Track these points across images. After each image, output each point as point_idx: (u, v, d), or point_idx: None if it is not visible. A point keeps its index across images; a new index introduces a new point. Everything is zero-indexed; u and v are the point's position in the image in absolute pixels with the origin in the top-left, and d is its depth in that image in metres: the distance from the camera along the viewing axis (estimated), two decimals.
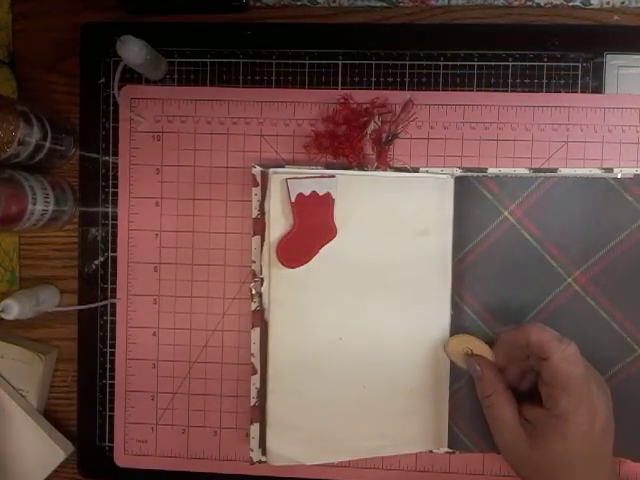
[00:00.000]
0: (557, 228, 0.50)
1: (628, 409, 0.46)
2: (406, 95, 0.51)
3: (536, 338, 0.44)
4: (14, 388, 0.54)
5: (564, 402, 0.43)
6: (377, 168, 0.51)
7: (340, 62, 0.52)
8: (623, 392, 0.46)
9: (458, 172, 0.51)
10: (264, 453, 0.51)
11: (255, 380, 0.52)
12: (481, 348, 0.49)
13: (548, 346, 0.43)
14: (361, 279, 0.51)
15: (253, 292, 0.52)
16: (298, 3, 0.54)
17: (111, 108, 0.54)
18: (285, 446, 0.51)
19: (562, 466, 0.43)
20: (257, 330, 0.52)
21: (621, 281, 0.50)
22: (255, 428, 0.52)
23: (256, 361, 0.52)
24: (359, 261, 0.51)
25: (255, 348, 0.52)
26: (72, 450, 0.54)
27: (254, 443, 0.52)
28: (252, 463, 0.52)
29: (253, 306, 0.52)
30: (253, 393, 0.52)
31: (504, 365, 0.48)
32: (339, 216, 0.50)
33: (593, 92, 0.51)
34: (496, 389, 0.46)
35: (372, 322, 0.51)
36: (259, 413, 0.52)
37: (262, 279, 0.51)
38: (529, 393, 0.47)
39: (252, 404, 0.52)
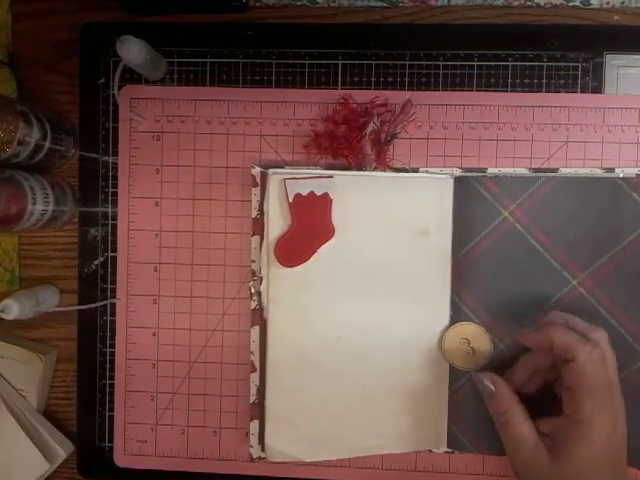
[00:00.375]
0: (560, 229, 0.50)
1: (635, 417, 0.45)
2: (405, 95, 0.51)
3: (560, 340, 0.43)
4: (14, 388, 0.54)
5: (587, 405, 0.41)
6: (376, 168, 0.51)
7: (340, 62, 0.52)
8: (630, 400, 0.44)
9: (458, 172, 0.51)
10: (263, 449, 0.52)
11: (254, 378, 0.52)
12: (476, 332, 0.50)
13: (574, 347, 0.42)
14: (360, 279, 0.51)
15: (252, 291, 0.52)
16: (298, 3, 0.54)
17: (111, 108, 0.54)
18: (284, 443, 0.51)
19: (584, 475, 0.41)
20: (256, 328, 0.52)
21: (629, 285, 0.49)
22: (255, 425, 0.52)
23: (255, 359, 0.52)
24: (358, 261, 0.51)
25: (255, 346, 0.52)
26: (72, 450, 0.54)
27: (253, 439, 0.52)
28: (252, 459, 0.52)
29: (252, 305, 0.52)
30: (253, 390, 0.52)
31: (521, 372, 0.47)
32: (337, 216, 0.50)
33: (593, 92, 0.51)
34: (511, 405, 0.44)
35: (371, 321, 0.51)
36: (258, 410, 0.52)
37: (261, 278, 0.51)
38: (536, 403, 0.46)
39: (252, 401, 0.52)
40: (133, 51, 0.46)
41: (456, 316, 0.51)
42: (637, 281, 0.49)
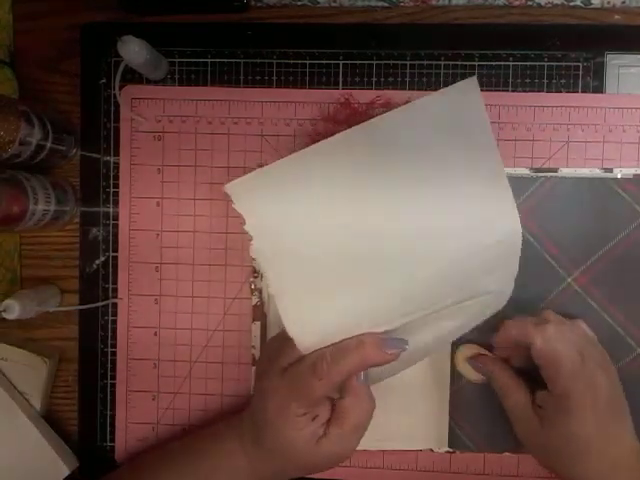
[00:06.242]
0: (557, 228, 0.50)
1: (630, 409, 0.46)
2: (406, 95, 0.51)
3: (517, 331, 0.46)
4: (18, 391, 0.54)
5: (561, 381, 0.43)
6: None
7: (341, 62, 0.52)
8: (624, 392, 0.46)
9: None
10: None
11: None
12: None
13: (529, 332, 0.45)
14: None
15: (253, 287, 0.52)
16: (299, 3, 0.54)
17: (112, 108, 0.54)
18: None
19: (576, 445, 0.44)
20: (257, 324, 0.52)
21: (621, 281, 0.50)
22: None
23: (257, 353, 0.52)
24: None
25: (256, 341, 0.52)
26: (76, 466, 0.53)
27: None
28: None
29: (254, 300, 0.52)
30: (253, 384, 0.52)
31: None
32: None
33: (594, 92, 0.51)
34: (509, 382, 0.47)
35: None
36: None
37: (262, 275, 0.51)
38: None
39: (252, 394, 0.52)
40: (134, 51, 0.46)
41: None
42: (629, 277, 0.50)
